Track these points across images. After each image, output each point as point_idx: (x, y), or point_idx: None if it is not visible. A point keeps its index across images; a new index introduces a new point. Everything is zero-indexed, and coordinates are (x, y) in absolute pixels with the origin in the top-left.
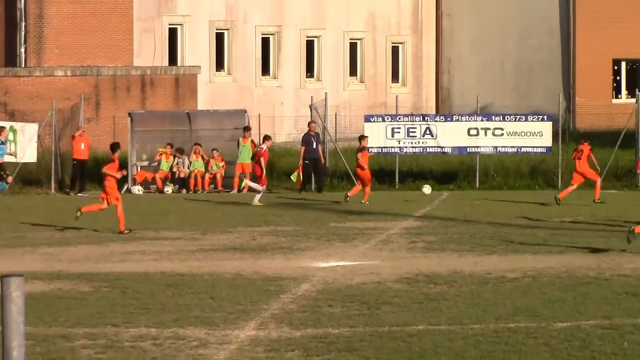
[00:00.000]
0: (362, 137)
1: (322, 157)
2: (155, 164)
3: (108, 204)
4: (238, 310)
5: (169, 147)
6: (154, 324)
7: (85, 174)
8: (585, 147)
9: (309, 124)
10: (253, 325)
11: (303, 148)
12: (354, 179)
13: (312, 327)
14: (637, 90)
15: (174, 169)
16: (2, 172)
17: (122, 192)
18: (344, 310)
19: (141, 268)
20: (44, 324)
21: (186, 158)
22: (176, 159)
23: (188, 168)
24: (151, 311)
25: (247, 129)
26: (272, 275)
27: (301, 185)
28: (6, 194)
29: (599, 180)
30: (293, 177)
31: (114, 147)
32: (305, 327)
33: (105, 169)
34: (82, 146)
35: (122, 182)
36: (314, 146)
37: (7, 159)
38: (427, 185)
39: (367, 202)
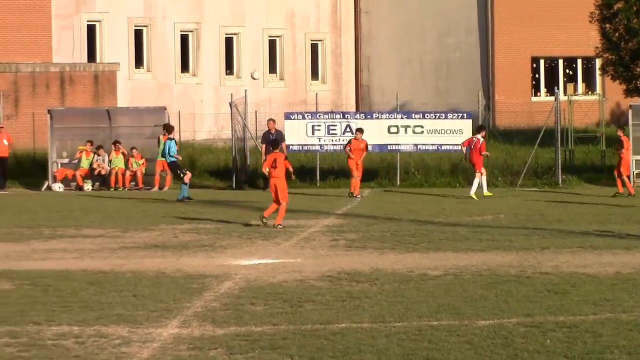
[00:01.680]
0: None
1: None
2: (76, 161)
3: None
4: (161, 309)
5: (88, 144)
6: (76, 322)
7: (6, 172)
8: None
9: (268, 122)
10: (176, 323)
11: (264, 146)
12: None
13: (235, 325)
14: (555, 88)
15: (94, 166)
16: (180, 171)
17: (43, 189)
18: (266, 308)
19: (63, 266)
20: None
21: (106, 155)
22: (96, 156)
23: (109, 165)
24: (73, 309)
25: (167, 126)
26: (194, 273)
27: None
28: None
29: None
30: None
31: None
32: (228, 325)
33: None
34: (5, 142)
35: (42, 179)
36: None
37: None
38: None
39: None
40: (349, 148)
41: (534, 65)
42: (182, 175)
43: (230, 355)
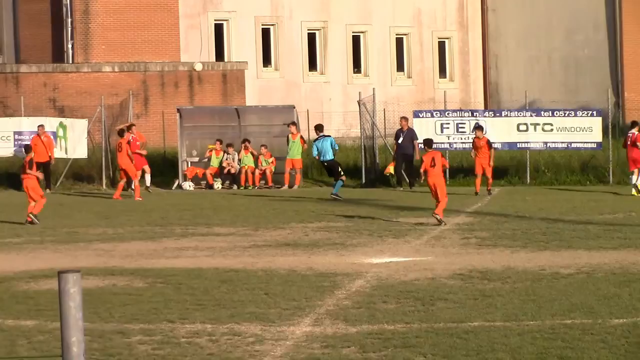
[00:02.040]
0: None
1: (416, 153)
2: (206, 159)
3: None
4: (293, 307)
5: (218, 143)
6: (209, 320)
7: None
8: None
9: (400, 120)
10: (308, 321)
11: (395, 143)
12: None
13: (367, 323)
14: None
15: (224, 165)
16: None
17: (173, 188)
18: (398, 307)
19: (195, 264)
20: (101, 319)
21: (236, 154)
22: (226, 154)
23: (238, 164)
24: (206, 307)
25: (294, 124)
26: (325, 271)
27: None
28: (57, 191)
29: None
30: (389, 171)
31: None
32: (360, 323)
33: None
34: (132, 140)
35: (172, 178)
36: (399, 141)
37: (57, 154)
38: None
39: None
40: (473, 152)
41: None
42: (342, 173)
43: (363, 354)
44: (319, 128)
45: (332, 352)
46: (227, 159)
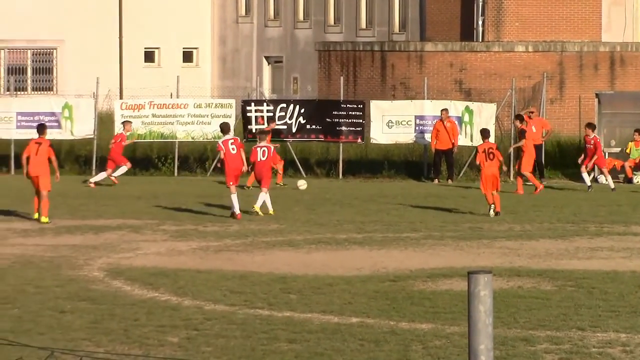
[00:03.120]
0: None
1: None
2: (627, 151)
3: None
4: None
5: (636, 133)
6: (623, 329)
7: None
8: None
9: None
10: None
11: None
12: None
13: None
14: None
15: None
16: None
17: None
18: None
19: (609, 266)
20: (503, 324)
21: None
22: None
23: None
24: (620, 314)
25: None
26: None
27: None
28: (459, 182)
29: None
30: None
31: None
32: None
33: None
34: (534, 129)
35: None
36: None
37: (461, 142)
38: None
39: None
40: None
41: None
42: None
43: None
44: None
45: None
46: None
